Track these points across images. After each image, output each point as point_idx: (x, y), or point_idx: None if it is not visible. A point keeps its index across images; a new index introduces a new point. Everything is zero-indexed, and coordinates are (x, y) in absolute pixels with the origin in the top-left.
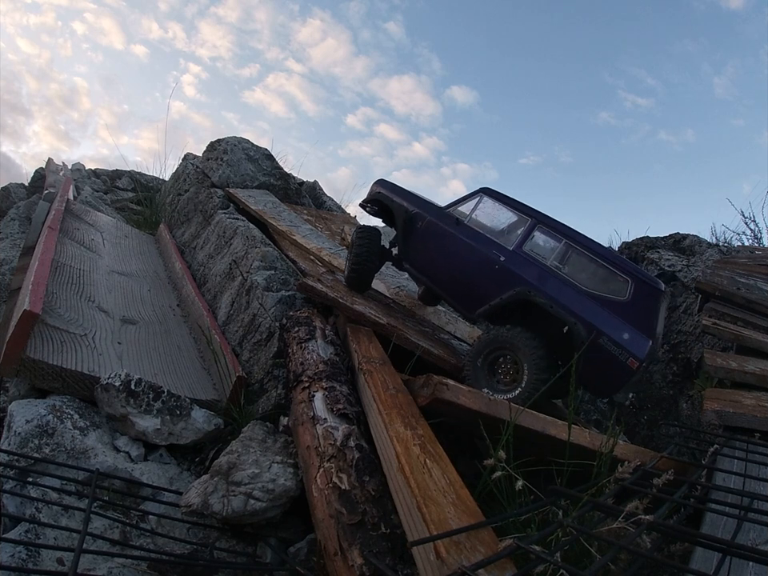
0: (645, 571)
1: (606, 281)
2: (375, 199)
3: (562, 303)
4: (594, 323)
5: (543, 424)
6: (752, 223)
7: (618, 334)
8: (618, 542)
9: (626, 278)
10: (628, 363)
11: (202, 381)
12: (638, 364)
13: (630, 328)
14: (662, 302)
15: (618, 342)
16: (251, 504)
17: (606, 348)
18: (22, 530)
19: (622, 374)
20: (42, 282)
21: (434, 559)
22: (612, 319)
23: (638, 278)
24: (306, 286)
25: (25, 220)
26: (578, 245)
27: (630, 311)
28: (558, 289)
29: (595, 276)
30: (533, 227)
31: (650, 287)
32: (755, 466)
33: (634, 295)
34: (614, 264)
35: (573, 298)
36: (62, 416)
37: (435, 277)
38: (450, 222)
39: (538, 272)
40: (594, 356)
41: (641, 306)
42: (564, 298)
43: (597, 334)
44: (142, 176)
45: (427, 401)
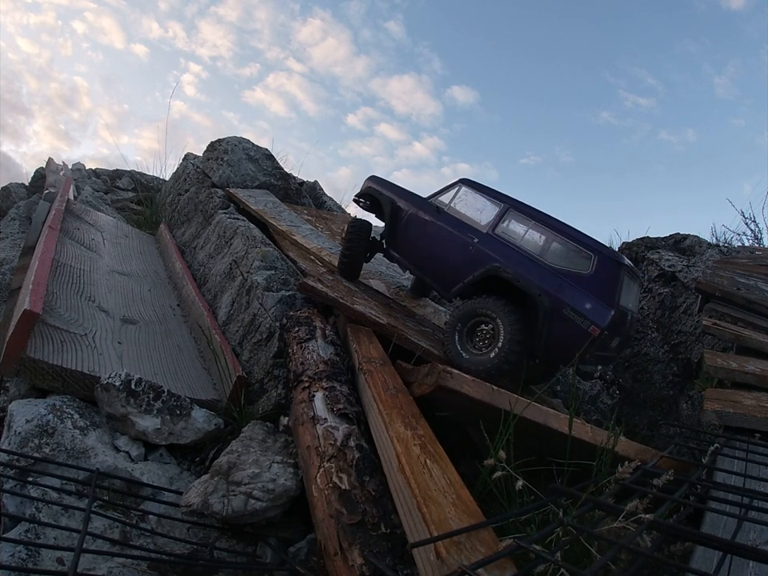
0: (645, 571)
1: (571, 257)
2: (366, 193)
3: (528, 278)
4: (557, 295)
5: (545, 417)
6: (752, 223)
7: (581, 304)
8: (619, 541)
9: (589, 254)
10: (590, 330)
11: (202, 381)
12: (599, 331)
13: (593, 299)
14: (623, 274)
15: (580, 312)
16: (251, 504)
17: (569, 317)
18: (22, 530)
19: (585, 340)
20: (43, 282)
21: (434, 559)
22: (575, 291)
23: (600, 253)
24: (306, 286)
25: (25, 220)
26: (546, 226)
27: (594, 284)
28: (525, 265)
29: (561, 253)
30: (505, 211)
31: (611, 261)
32: (755, 466)
33: (597, 269)
34: (579, 241)
35: (538, 273)
36: (62, 416)
37: (418, 261)
38: (431, 210)
39: (507, 251)
40: (559, 325)
41: (603, 278)
42: (530, 273)
43: (560, 304)
44: (143, 176)
45: (431, 389)
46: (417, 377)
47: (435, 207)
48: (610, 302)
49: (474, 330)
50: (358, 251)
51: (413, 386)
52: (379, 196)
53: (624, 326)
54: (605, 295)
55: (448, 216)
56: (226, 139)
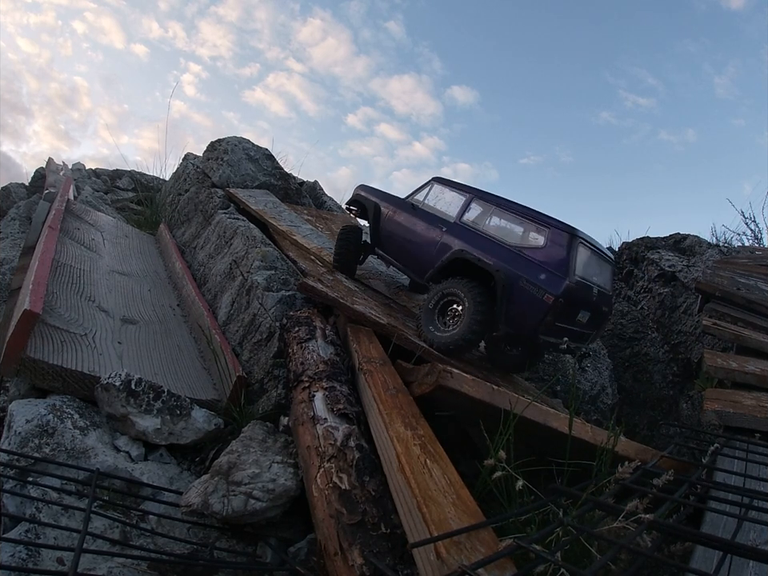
0: (645, 571)
1: (527, 234)
2: (355, 200)
3: (488, 257)
4: (514, 269)
5: (545, 416)
6: (752, 223)
7: (535, 276)
8: (619, 541)
9: (543, 229)
10: (544, 299)
11: (202, 381)
12: (553, 299)
13: (547, 270)
14: (576, 245)
15: (535, 282)
16: (251, 504)
17: (525, 288)
18: (22, 530)
19: (540, 308)
20: (43, 282)
21: (434, 559)
22: (531, 264)
23: (553, 227)
24: (306, 286)
25: (25, 220)
26: (505, 209)
27: (548, 256)
28: (486, 247)
29: (518, 231)
30: (469, 201)
31: (563, 233)
32: (755, 466)
33: (550, 242)
34: (534, 219)
35: (498, 252)
36: (62, 416)
37: (397, 255)
38: (407, 208)
39: (471, 236)
40: (517, 297)
41: (557, 250)
42: (491, 253)
43: (516, 277)
44: (143, 176)
45: (431, 388)
46: (417, 376)
47: (411, 205)
48: (564, 272)
49: (444, 311)
50: (349, 255)
51: (413, 386)
52: (365, 201)
53: (589, 300)
54: (559, 265)
55: (422, 211)
56: (226, 139)
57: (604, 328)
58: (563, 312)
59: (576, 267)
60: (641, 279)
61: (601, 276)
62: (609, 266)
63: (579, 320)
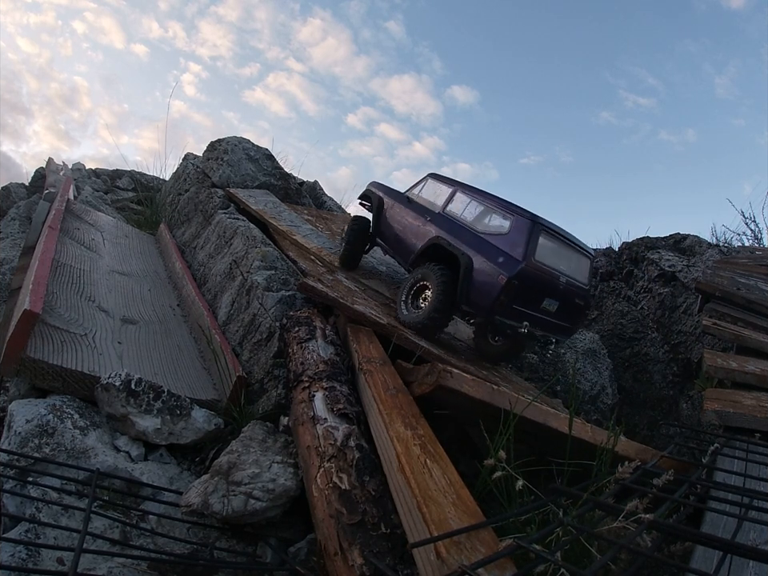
0: (645, 570)
1: (495, 222)
2: (365, 195)
3: (458, 243)
4: (477, 253)
5: (545, 416)
6: (752, 223)
7: (494, 259)
8: (619, 541)
9: (509, 216)
10: (498, 280)
11: (202, 381)
12: (506, 279)
13: (506, 254)
14: (537, 231)
15: (492, 264)
16: (251, 504)
17: (484, 270)
18: (22, 530)
19: (495, 288)
20: (43, 282)
21: (434, 559)
22: (493, 249)
23: (517, 215)
24: (306, 286)
25: (25, 220)
26: (480, 200)
27: (510, 241)
28: (460, 234)
29: (488, 220)
30: (453, 193)
31: (524, 221)
32: (755, 466)
33: (514, 228)
34: (503, 208)
35: (468, 238)
36: (62, 416)
37: (391, 242)
38: (403, 200)
39: (450, 225)
40: (476, 278)
41: (517, 236)
42: (461, 239)
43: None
44: (143, 176)
45: (431, 388)
46: (417, 376)
47: (407, 198)
48: (520, 256)
49: (418, 295)
50: (358, 243)
51: (413, 386)
52: (372, 195)
53: (556, 289)
54: (517, 250)
55: (415, 204)
56: (226, 139)
57: (581, 322)
58: (521, 295)
59: (535, 253)
60: (641, 279)
61: (572, 268)
62: (585, 259)
63: (546, 308)
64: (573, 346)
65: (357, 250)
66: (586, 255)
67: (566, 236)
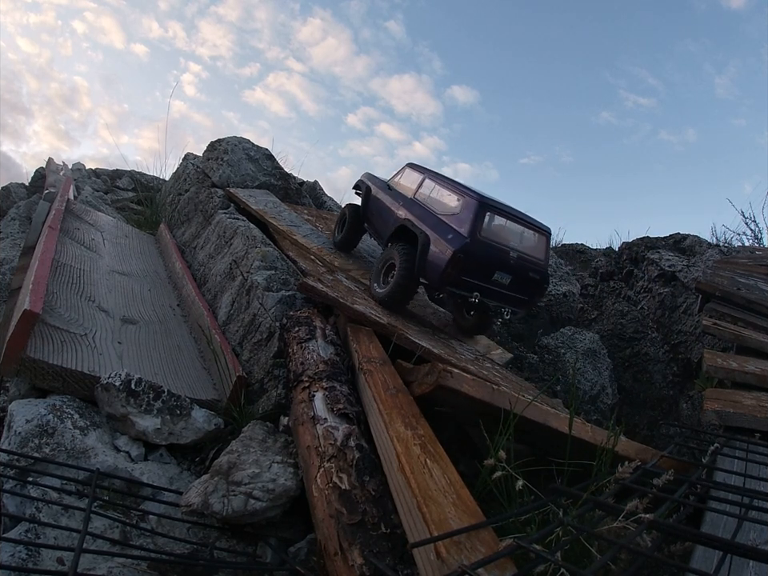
0: (645, 570)
1: (450, 204)
2: (357, 184)
3: (420, 223)
4: (432, 231)
5: (545, 416)
6: (752, 223)
7: (445, 236)
8: (619, 541)
9: (460, 198)
10: (446, 254)
11: (202, 380)
12: (452, 252)
13: (455, 231)
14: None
15: (442, 241)
16: (251, 504)
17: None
18: (22, 530)
19: (443, 261)
20: (43, 282)
21: (434, 559)
22: (446, 227)
23: (467, 196)
24: (306, 286)
25: (25, 220)
26: (443, 185)
27: (460, 220)
28: (422, 216)
29: (445, 202)
30: (423, 181)
31: (472, 201)
32: (755, 466)
33: (463, 208)
34: (458, 191)
35: (429, 219)
36: (62, 416)
37: (375, 226)
38: (385, 188)
39: (417, 208)
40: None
41: (466, 215)
42: (423, 220)
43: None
44: (143, 176)
45: (431, 388)
46: (417, 376)
47: (387, 185)
48: (466, 232)
49: (389, 272)
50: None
51: (413, 386)
52: (361, 184)
53: (506, 263)
54: (464, 227)
55: (394, 191)
56: (226, 139)
57: (539, 294)
58: (470, 268)
59: (481, 230)
60: (641, 279)
61: (524, 244)
62: (540, 236)
63: (498, 281)
64: (573, 346)
65: (350, 233)
66: (541, 232)
67: (517, 214)
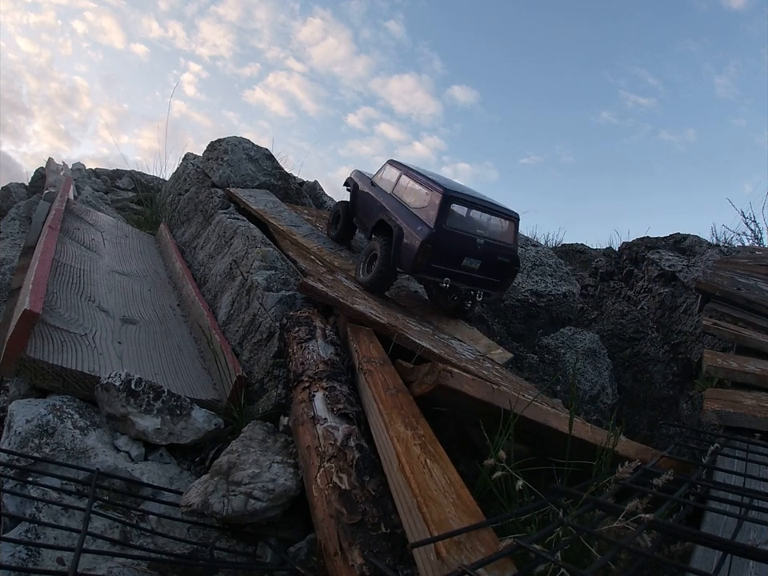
0: (645, 570)
1: (421, 198)
2: (346, 181)
3: (396, 218)
4: (405, 224)
5: (545, 416)
6: (752, 223)
7: (415, 228)
8: (619, 541)
9: (428, 192)
10: (414, 244)
11: (202, 381)
12: (420, 243)
13: (423, 223)
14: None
15: (412, 233)
16: (251, 504)
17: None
18: (22, 530)
19: (413, 250)
20: (43, 282)
21: (434, 559)
22: (417, 220)
23: (434, 190)
24: (306, 286)
25: (25, 220)
26: (416, 180)
27: (427, 213)
28: (397, 210)
29: (417, 197)
30: (400, 177)
31: (438, 195)
32: (755, 466)
33: (430, 202)
34: (427, 185)
35: (401, 213)
36: (62, 416)
37: (361, 221)
38: (368, 184)
39: (394, 203)
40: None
41: (432, 208)
42: (399, 214)
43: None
44: (143, 176)
45: (431, 388)
46: (417, 376)
47: (371, 182)
48: (432, 224)
49: (372, 261)
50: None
51: (413, 386)
52: (350, 181)
53: (473, 249)
54: (431, 220)
55: (376, 187)
56: (226, 139)
57: (510, 276)
58: (439, 256)
59: (446, 221)
60: (641, 279)
61: (492, 230)
62: (507, 222)
63: (468, 266)
64: (573, 346)
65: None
66: (508, 218)
67: (483, 203)
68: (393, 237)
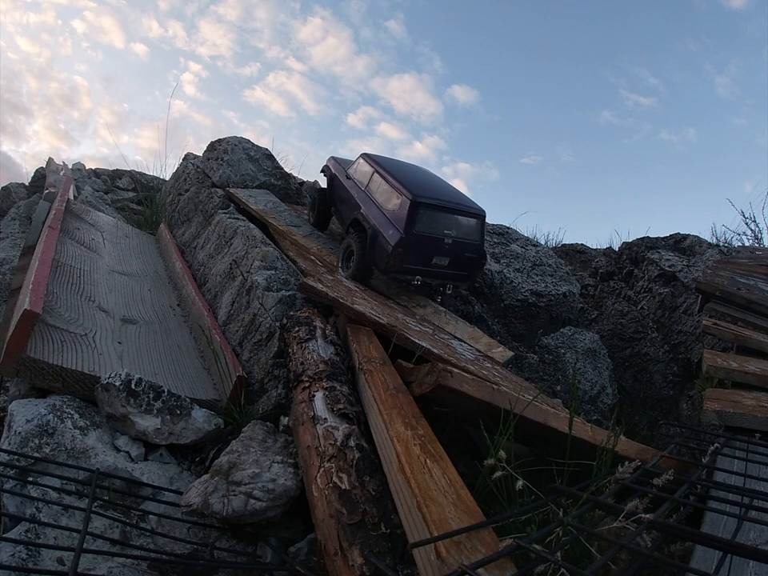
0: (645, 570)
1: (393, 201)
2: (323, 169)
3: (370, 218)
4: (378, 227)
5: (545, 416)
6: (752, 223)
7: (387, 231)
8: (619, 541)
9: (399, 197)
10: (387, 247)
11: (202, 380)
12: (392, 247)
13: (394, 227)
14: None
15: (385, 236)
16: (251, 504)
17: (381, 240)
18: (22, 530)
19: (385, 253)
20: (43, 282)
21: (434, 559)
22: (389, 223)
23: (404, 195)
24: (306, 286)
25: (25, 220)
26: (386, 182)
27: (398, 217)
28: (370, 210)
29: (390, 199)
30: (372, 174)
31: (408, 200)
32: (755, 466)
33: (400, 206)
34: (398, 189)
35: (376, 214)
36: (62, 415)
37: (339, 211)
38: (344, 176)
39: (368, 202)
40: (377, 245)
41: (403, 212)
42: (372, 215)
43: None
44: (143, 176)
45: (431, 388)
46: (417, 376)
47: (346, 174)
48: (402, 228)
49: (349, 257)
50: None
51: (413, 386)
52: (327, 169)
53: (442, 248)
54: (401, 224)
55: (351, 180)
56: (226, 139)
57: (478, 269)
58: (409, 257)
59: (415, 225)
60: (641, 279)
61: (459, 230)
62: (473, 219)
63: (438, 263)
64: (573, 346)
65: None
66: (474, 216)
67: (451, 205)
68: (367, 237)
